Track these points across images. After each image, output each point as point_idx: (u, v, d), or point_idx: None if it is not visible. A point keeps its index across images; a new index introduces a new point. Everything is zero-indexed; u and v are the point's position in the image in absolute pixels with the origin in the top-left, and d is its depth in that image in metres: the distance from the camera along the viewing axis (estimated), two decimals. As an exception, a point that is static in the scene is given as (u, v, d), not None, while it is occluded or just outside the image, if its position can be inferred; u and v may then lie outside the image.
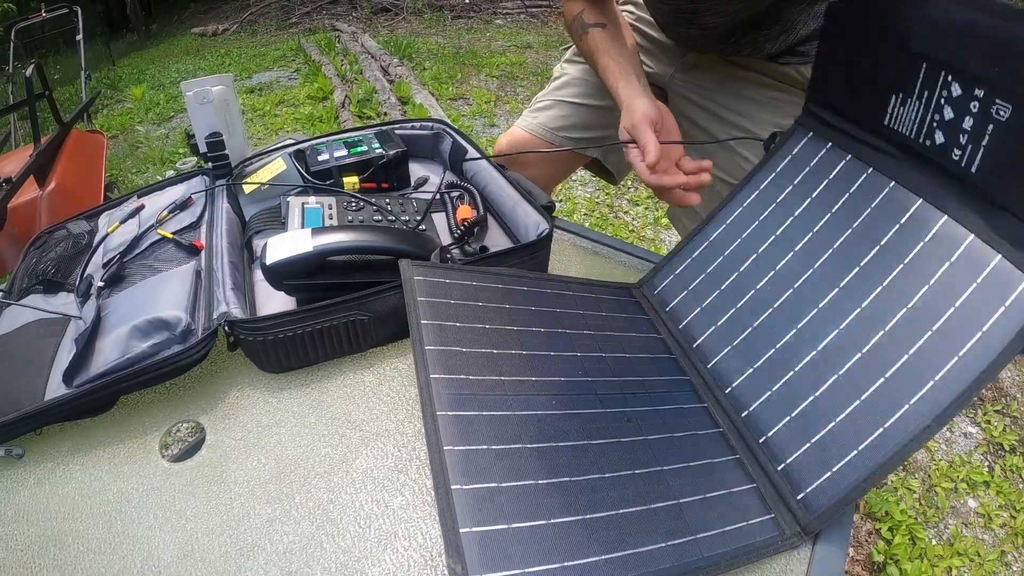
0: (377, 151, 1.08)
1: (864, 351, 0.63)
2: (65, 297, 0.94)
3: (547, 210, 0.90)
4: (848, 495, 0.58)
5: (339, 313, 0.75)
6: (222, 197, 1.04)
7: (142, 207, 1.05)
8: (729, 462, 0.65)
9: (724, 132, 1.19)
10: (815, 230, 0.74)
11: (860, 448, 0.59)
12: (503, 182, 0.99)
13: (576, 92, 1.35)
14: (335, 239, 0.77)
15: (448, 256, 0.81)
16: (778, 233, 0.78)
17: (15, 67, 4.55)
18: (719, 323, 0.77)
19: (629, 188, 3.35)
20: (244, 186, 1.05)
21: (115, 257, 0.93)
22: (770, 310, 0.73)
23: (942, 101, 0.63)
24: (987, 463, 1.98)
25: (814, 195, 0.77)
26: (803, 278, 0.72)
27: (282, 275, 0.77)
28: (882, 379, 0.60)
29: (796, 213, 0.77)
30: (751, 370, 0.71)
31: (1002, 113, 0.57)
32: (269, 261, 0.75)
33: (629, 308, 0.84)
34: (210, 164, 1.12)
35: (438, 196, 1.03)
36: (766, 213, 0.81)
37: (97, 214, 1.13)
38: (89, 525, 0.66)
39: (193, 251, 0.92)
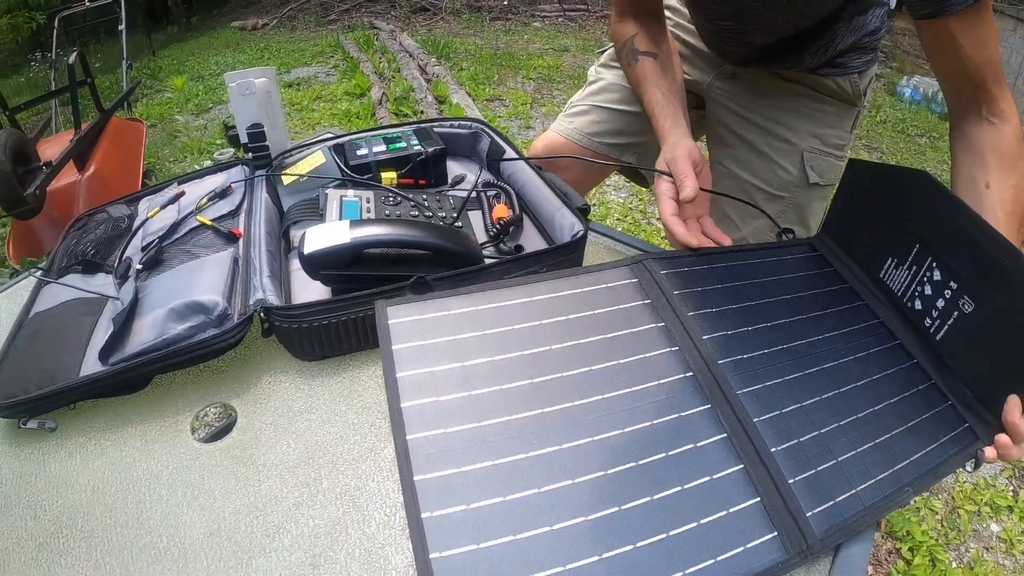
0: (416, 148, 1.09)
1: (855, 418, 0.70)
2: (103, 278, 0.96)
3: (582, 212, 0.90)
4: (856, 522, 0.61)
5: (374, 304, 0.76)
6: (261, 187, 1.05)
7: (182, 194, 1.07)
8: (732, 475, 0.62)
9: (762, 141, 1.20)
10: (807, 316, 0.81)
11: (859, 488, 0.63)
12: (540, 183, 1.00)
13: (613, 98, 1.35)
14: (373, 232, 0.79)
15: (423, 283, 0.78)
16: (780, 298, 0.83)
17: (58, 54, 4.63)
18: (728, 332, 0.77)
19: (661, 196, 3.34)
20: (283, 177, 1.07)
21: (154, 241, 0.95)
22: (778, 348, 0.75)
23: (925, 279, 0.77)
24: (1012, 487, 1.96)
25: (812, 292, 0.85)
26: (802, 341, 0.77)
27: (319, 265, 0.78)
28: (869, 445, 0.67)
29: (792, 296, 0.84)
30: (760, 386, 0.71)
31: (967, 307, 0.71)
32: (307, 250, 0.77)
33: (627, 295, 0.79)
34: (250, 155, 1.14)
35: (474, 194, 1.04)
36: (775, 278, 0.86)
37: (137, 199, 1.16)
38: (118, 499, 0.67)
39: (231, 239, 0.93)
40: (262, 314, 0.79)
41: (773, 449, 0.64)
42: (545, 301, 0.76)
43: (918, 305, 0.78)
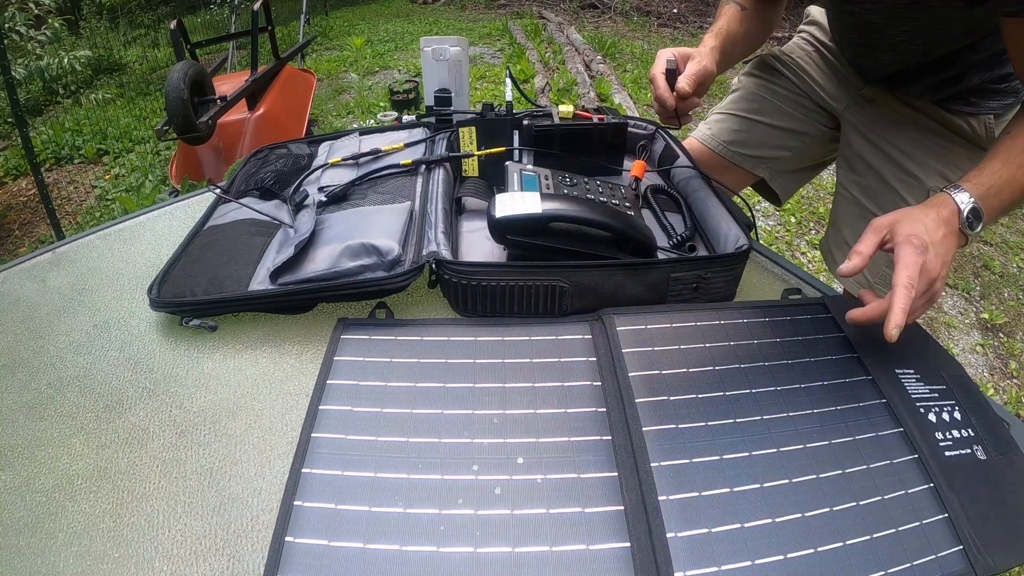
0: (596, 119, 1.13)
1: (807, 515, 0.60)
2: (277, 206, 1.04)
3: (747, 227, 0.90)
4: None
5: (543, 276, 0.79)
6: (441, 148, 1.11)
7: (362, 144, 1.16)
8: (614, 552, 0.56)
9: (890, 172, 1.18)
10: (786, 387, 0.72)
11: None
12: (708, 193, 1.00)
13: (751, 107, 1.36)
14: (565, 207, 0.81)
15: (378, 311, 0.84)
16: (754, 364, 0.75)
17: (243, 0, 4.91)
18: (669, 398, 0.69)
19: (810, 229, 3.25)
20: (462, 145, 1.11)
21: (336, 182, 1.03)
22: (727, 422, 0.67)
23: (945, 407, 0.71)
24: None
25: (803, 360, 0.76)
26: (763, 417, 0.68)
27: (507, 229, 0.81)
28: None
29: (774, 362, 0.75)
30: (685, 461, 0.63)
31: (979, 454, 0.66)
32: (497, 215, 0.80)
33: (576, 349, 0.77)
34: (433, 118, 1.20)
35: (639, 193, 1.06)
36: (754, 341, 0.79)
37: (319, 141, 1.24)
38: (265, 406, 0.73)
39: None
40: (433, 265, 0.83)
41: (670, 535, 0.56)
42: (489, 343, 0.78)
43: (932, 418, 0.69)
